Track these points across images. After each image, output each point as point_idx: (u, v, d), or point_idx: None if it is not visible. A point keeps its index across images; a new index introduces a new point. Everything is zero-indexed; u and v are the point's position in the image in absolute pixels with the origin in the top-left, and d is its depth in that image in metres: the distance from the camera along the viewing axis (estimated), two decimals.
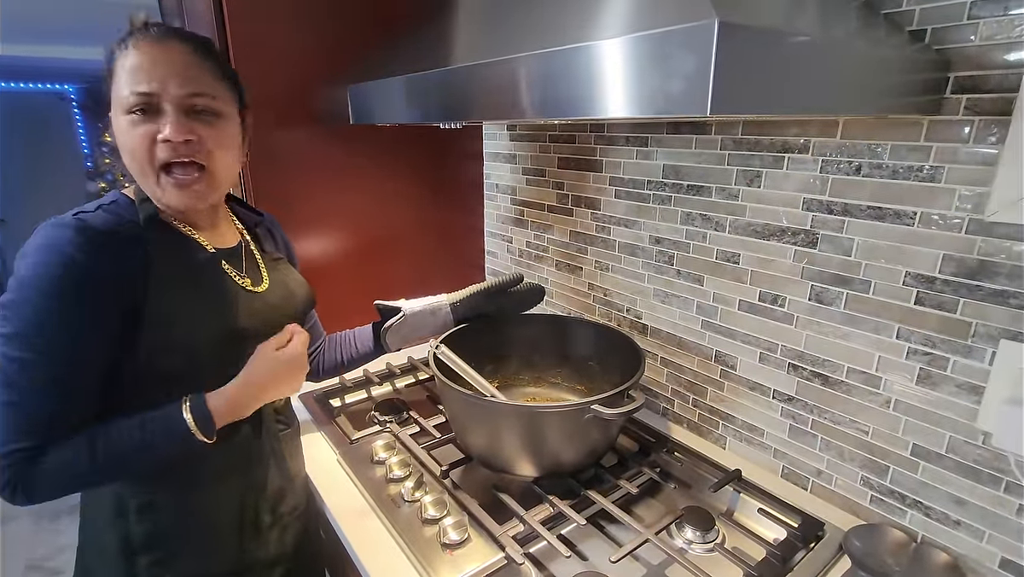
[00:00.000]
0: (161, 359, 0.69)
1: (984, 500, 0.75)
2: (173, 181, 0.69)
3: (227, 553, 0.80)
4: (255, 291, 0.80)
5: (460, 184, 1.57)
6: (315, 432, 1.12)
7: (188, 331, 0.71)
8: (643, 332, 1.20)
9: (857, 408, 0.86)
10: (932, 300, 0.76)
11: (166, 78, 0.66)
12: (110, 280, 0.65)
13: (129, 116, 0.66)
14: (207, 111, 0.70)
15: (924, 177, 0.74)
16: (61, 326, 0.63)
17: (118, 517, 0.74)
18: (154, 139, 0.66)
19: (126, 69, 0.66)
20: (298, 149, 1.25)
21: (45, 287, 0.62)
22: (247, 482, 0.80)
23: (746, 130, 0.93)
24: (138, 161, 0.68)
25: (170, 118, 0.66)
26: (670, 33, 0.42)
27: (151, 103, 0.66)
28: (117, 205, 0.70)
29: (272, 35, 1.17)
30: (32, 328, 0.63)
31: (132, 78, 0.66)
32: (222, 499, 0.78)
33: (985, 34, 0.66)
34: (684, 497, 0.95)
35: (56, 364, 0.64)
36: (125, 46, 0.67)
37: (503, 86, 0.61)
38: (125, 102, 0.66)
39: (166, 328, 0.68)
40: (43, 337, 0.63)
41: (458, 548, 0.81)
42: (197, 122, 0.69)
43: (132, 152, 0.68)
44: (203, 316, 0.73)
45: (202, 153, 0.69)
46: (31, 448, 0.64)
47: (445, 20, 0.94)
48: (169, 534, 0.75)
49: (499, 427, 0.91)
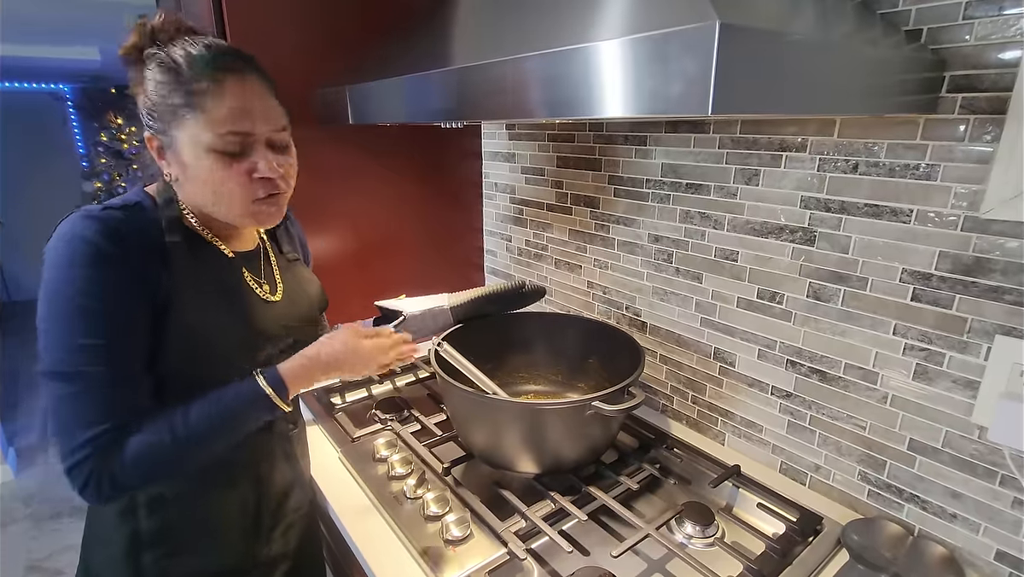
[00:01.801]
0: (184, 363, 0.69)
1: (980, 493, 0.76)
2: (268, 209, 0.72)
3: (232, 550, 0.80)
4: (270, 300, 0.80)
5: (459, 183, 1.57)
6: (316, 430, 1.12)
7: (210, 337, 0.71)
8: (642, 329, 1.20)
9: (855, 404, 0.87)
10: (928, 297, 0.77)
11: (257, 117, 0.68)
12: (138, 273, 0.65)
13: (218, 155, 0.66)
14: (283, 143, 0.72)
15: (920, 175, 0.75)
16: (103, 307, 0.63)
17: (127, 513, 0.74)
18: (250, 176, 0.68)
19: (217, 107, 0.65)
20: (298, 149, 1.24)
21: (80, 273, 0.62)
22: (255, 481, 0.80)
23: (744, 129, 0.94)
24: (229, 196, 0.69)
25: (264, 155, 0.69)
26: (672, 34, 0.43)
27: (244, 142, 0.68)
28: (140, 206, 0.70)
29: (271, 36, 1.17)
30: (77, 314, 0.62)
31: (229, 118, 0.66)
32: (230, 497, 0.78)
33: (980, 34, 0.67)
34: (684, 493, 0.96)
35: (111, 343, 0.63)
36: (208, 80, 0.65)
37: (507, 87, 0.62)
38: (220, 141, 0.66)
39: (188, 332, 0.68)
40: (90, 320, 0.62)
41: (461, 544, 0.82)
42: (278, 153, 0.71)
43: (222, 188, 0.68)
44: (224, 322, 0.73)
45: (286, 183, 0.73)
46: (110, 431, 0.63)
47: (446, 19, 0.95)
48: (176, 530, 0.76)
49: (501, 424, 0.91)
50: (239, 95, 0.67)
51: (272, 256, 0.85)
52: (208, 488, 0.76)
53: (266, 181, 0.70)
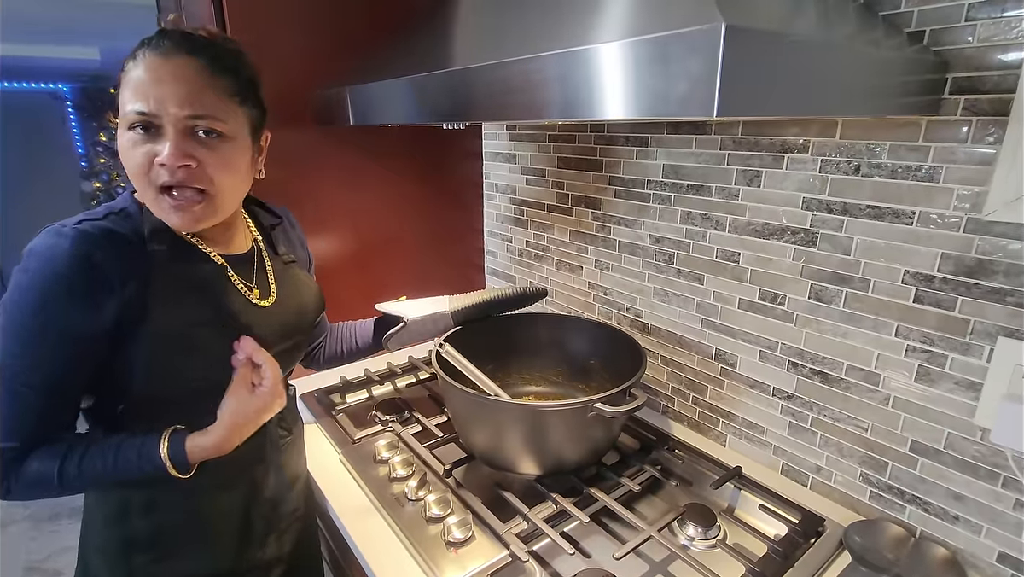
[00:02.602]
0: (154, 373, 0.68)
1: (982, 495, 0.76)
2: (171, 203, 0.66)
3: (225, 554, 0.80)
4: (261, 305, 0.78)
5: (460, 183, 1.57)
6: (317, 431, 1.12)
7: (185, 346, 0.69)
8: (643, 331, 1.20)
9: (856, 405, 0.87)
10: (930, 298, 0.77)
11: (166, 98, 0.63)
12: (102, 294, 0.64)
13: (130, 133, 0.64)
14: (210, 134, 0.66)
15: (923, 177, 0.75)
16: (42, 337, 0.63)
17: (121, 516, 0.74)
18: (152, 160, 0.64)
19: (130, 83, 0.64)
20: (298, 150, 1.25)
21: (31, 297, 0.62)
22: (247, 486, 0.80)
23: (746, 130, 0.94)
24: (136, 179, 0.66)
25: (169, 141, 0.63)
26: (677, 36, 0.43)
27: (151, 123, 0.64)
28: (126, 213, 0.69)
29: (272, 36, 1.17)
30: (14, 335, 0.63)
31: (134, 94, 0.63)
32: (223, 502, 0.78)
33: (983, 35, 0.67)
34: (685, 494, 0.96)
35: (35, 375, 0.63)
36: (135, 57, 0.65)
37: (509, 88, 0.61)
38: (126, 119, 0.64)
39: (166, 343, 0.67)
40: (24, 346, 0.63)
41: (462, 546, 0.82)
42: (199, 145, 0.65)
43: (132, 170, 0.66)
44: (204, 330, 0.71)
45: (202, 179, 0.66)
46: (15, 449, 0.64)
47: (448, 20, 0.95)
48: (168, 534, 0.75)
49: (503, 426, 0.91)
50: (152, 73, 0.63)
51: (267, 259, 0.83)
52: (199, 493, 0.75)
53: (164, 169, 0.64)
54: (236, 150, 0.70)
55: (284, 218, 0.91)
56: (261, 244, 0.84)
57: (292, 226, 0.94)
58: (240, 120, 0.70)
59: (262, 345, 0.75)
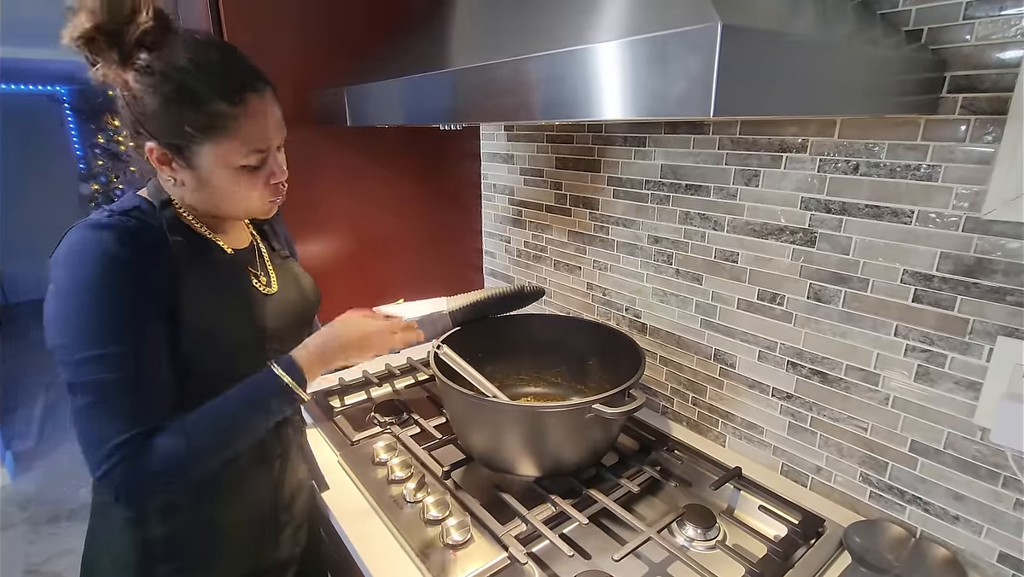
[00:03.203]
0: (196, 361, 0.69)
1: (982, 495, 0.76)
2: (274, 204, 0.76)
3: (245, 555, 0.80)
4: (268, 293, 0.81)
5: (457, 184, 1.57)
6: (315, 433, 1.12)
7: (219, 335, 0.71)
8: (642, 331, 1.20)
9: (856, 405, 0.87)
10: (930, 298, 0.76)
11: (274, 130, 0.71)
12: (150, 277, 0.65)
13: (244, 169, 0.69)
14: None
15: (921, 176, 0.75)
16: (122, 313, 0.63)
17: (134, 523, 0.72)
18: (268, 182, 0.72)
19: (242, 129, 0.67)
20: (295, 151, 1.23)
21: (96, 283, 0.62)
22: (271, 478, 0.81)
23: (744, 130, 0.93)
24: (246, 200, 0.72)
25: (276, 161, 0.73)
26: (674, 35, 0.43)
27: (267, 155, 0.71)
28: (139, 210, 0.69)
29: (268, 37, 1.16)
30: (93, 325, 0.62)
31: (254, 137, 0.68)
32: (245, 496, 0.78)
33: (981, 34, 0.67)
34: (685, 495, 0.96)
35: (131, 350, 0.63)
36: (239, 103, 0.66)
37: (505, 89, 0.61)
38: (245, 159, 0.68)
39: (199, 330, 0.69)
40: (108, 329, 0.62)
41: (461, 548, 0.81)
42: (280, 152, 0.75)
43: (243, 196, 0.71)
44: (231, 318, 0.74)
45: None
46: (136, 436, 0.62)
47: (445, 20, 0.94)
48: (188, 539, 0.74)
49: (501, 427, 0.91)
50: (261, 115, 0.69)
51: (264, 252, 0.86)
52: (223, 489, 0.76)
53: (281, 186, 0.75)
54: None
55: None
56: (257, 238, 0.86)
57: (279, 221, 0.95)
58: None
59: (273, 332, 0.78)
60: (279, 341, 0.78)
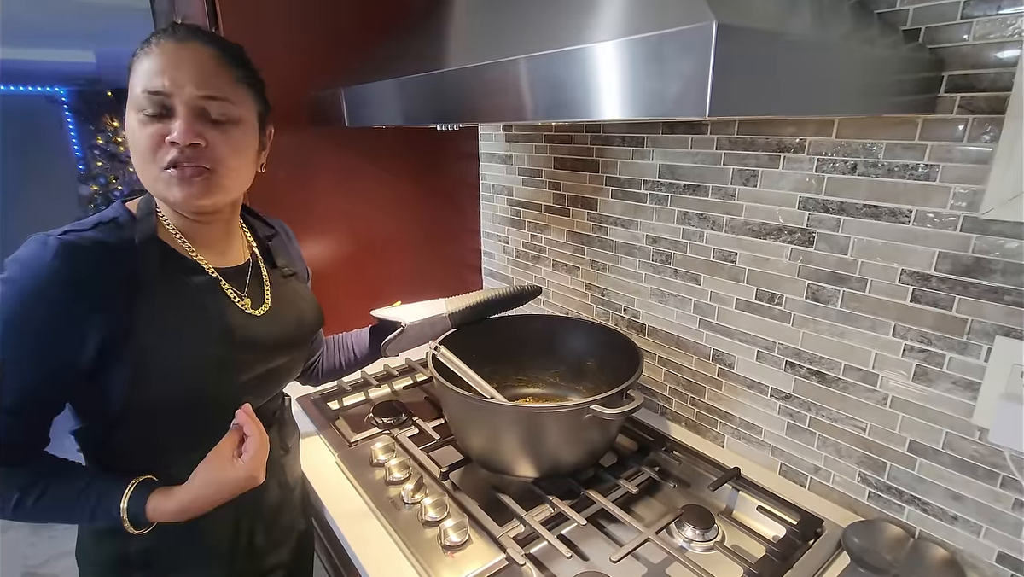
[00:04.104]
0: (142, 389, 0.66)
1: (981, 495, 0.75)
2: (175, 174, 0.65)
3: (224, 562, 0.79)
4: (254, 313, 0.77)
5: (456, 185, 1.57)
6: (314, 435, 1.12)
7: (174, 359, 0.68)
8: (641, 331, 1.20)
9: (854, 405, 0.87)
10: (928, 297, 0.76)
11: (181, 78, 0.64)
12: (84, 312, 0.62)
13: (139, 115, 0.64)
14: (222, 117, 0.67)
15: (919, 176, 0.75)
16: (18, 354, 0.62)
17: (114, 532, 0.71)
18: (162, 139, 0.64)
19: (143, 68, 0.65)
20: (293, 152, 1.24)
21: (9, 312, 0.61)
22: (247, 506, 0.78)
23: (742, 129, 0.93)
24: (141, 159, 0.66)
25: (180, 119, 0.64)
26: (669, 35, 0.42)
27: (162, 103, 0.64)
28: (116, 223, 0.68)
29: (266, 38, 1.16)
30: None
31: (147, 77, 0.64)
32: (219, 520, 0.75)
33: (978, 33, 0.67)
34: (683, 496, 0.96)
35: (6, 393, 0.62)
36: (147, 44, 0.66)
37: (502, 89, 0.61)
38: (137, 100, 0.64)
39: (150, 356, 0.66)
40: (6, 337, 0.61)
41: (459, 550, 0.81)
42: (210, 127, 0.66)
43: (139, 151, 0.65)
44: (191, 343, 0.69)
45: (210, 159, 0.66)
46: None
47: (442, 20, 0.94)
48: (165, 551, 0.74)
49: (499, 428, 0.91)
50: (167, 55, 0.64)
51: (264, 270, 0.82)
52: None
53: (174, 147, 0.64)
54: (244, 136, 0.70)
55: (280, 230, 0.91)
56: (259, 256, 0.83)
57: (289, 238, 0.94)
58: (249, 107, 0.71)
59: (251, 357, 0.75)
60: (262, 363, 0.76)
